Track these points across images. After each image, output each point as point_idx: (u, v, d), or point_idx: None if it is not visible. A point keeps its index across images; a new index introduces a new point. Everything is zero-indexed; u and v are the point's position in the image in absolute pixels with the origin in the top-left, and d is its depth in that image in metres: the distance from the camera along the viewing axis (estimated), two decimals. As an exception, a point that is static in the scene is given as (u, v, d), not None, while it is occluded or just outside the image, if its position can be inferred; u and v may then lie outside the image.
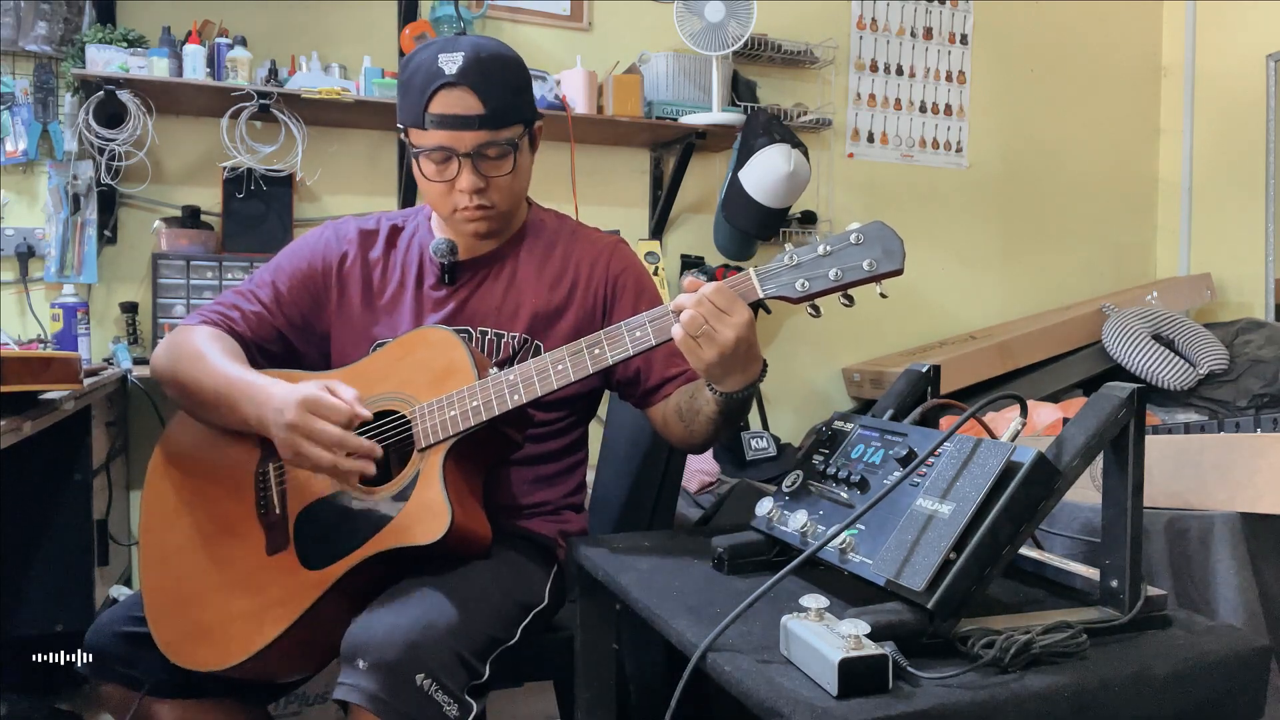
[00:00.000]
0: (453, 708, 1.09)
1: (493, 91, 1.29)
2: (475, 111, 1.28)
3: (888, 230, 1.07)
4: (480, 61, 1.28)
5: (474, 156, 1.30)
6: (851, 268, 1.07)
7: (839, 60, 3.24)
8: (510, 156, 1.32)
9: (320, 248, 1.45)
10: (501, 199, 1.35)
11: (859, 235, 1.07)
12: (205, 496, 1.31)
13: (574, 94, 2.62)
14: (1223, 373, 2.90)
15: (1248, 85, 3.39)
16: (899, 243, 1.06)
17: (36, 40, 2.29)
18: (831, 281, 1.07)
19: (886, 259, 1.06)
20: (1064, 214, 3.63)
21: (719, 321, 1.09)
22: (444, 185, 1.33)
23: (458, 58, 1.27)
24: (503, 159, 1.32)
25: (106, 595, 2.06)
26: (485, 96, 1.28)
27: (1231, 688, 0.87)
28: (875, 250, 1.06)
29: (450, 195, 1.33)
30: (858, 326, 3.28)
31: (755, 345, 1.15)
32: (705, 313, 1.09)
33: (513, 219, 1.44)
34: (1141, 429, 0.89)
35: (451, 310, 1.41)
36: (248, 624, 1.21)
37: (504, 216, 1.38)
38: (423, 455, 1.23)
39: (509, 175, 1.33)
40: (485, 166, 1.31)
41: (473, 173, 1.30)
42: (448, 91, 1.27)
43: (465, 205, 1.33)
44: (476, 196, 1.32)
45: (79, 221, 2.36)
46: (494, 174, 1.32)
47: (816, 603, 0.82)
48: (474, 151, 1.29)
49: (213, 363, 1.29)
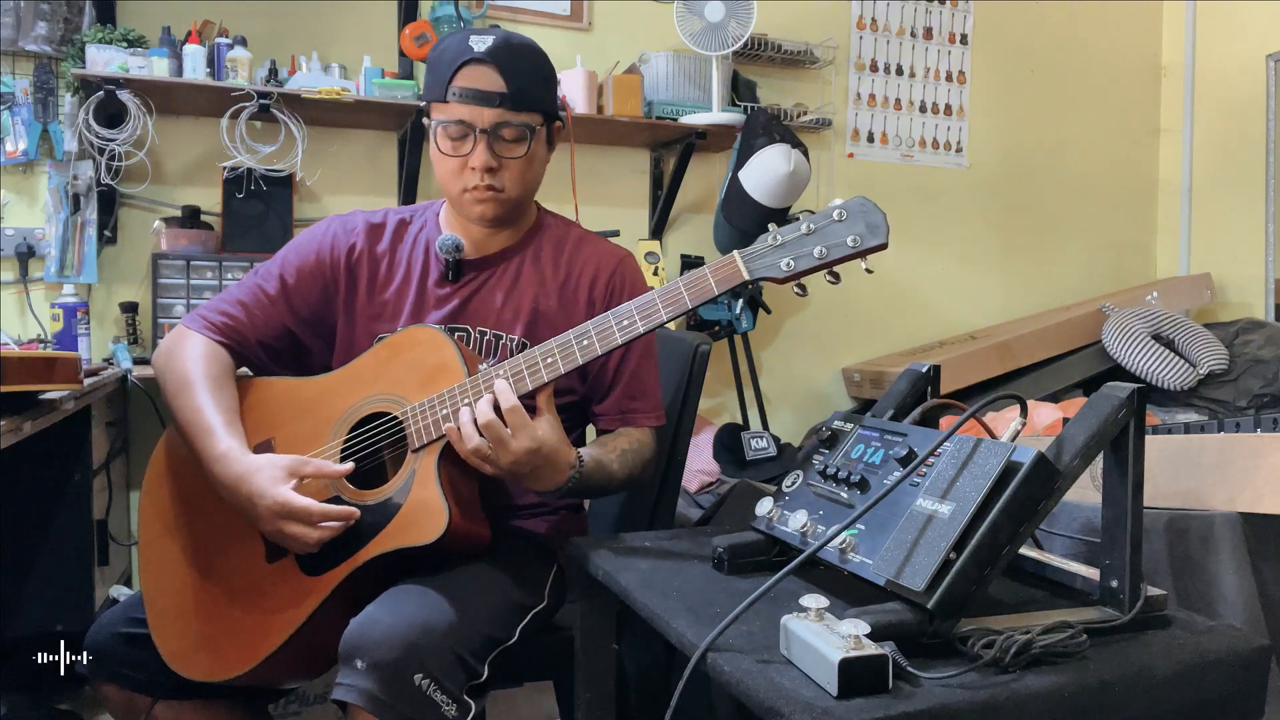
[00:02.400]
0: (451, 708, 1.09)
1: (518, 73, 1.31)
2: (498, 89, 1.30)
3: (870, 205, 1.06)
4: (510, 46, 1.31)
5: (490, 134, 1.31)
6: (836, 244, 1.06)
7: (839, 60, 3.24)
8: (526, 141, 1.33)
9: (328, 239, 1.44)
10: (512, 183, 1.35)
11: (841, 211, 1.06)
12: (204, 505, 1.31)
13: (574, 94, 2.62)
14: (1223, 373, 2.90)
15: (1248, 85, 3.39)
16: (882, 216, 1.05)
17: (36, 40, 2.29)
18: (816, 259, 1.06)
19: (870, 234, 1.05)
20: (1064, 214, 3.63)
21: (501, 447, 1.15)
22: (457, 162, 1.34)
23: (488, 39, 1.31)
24: (518, 142, 1.33)
25: (106, 595, 2.06)
26: (509, 76, 1.30)
27: (1231, 688, 0.87)
28: (859, 225, 1.05)
29: (462, 174, 1.34)
30: (858, 326, 3.28)
31: (554, 458, 1.19)
32: (491, 438, 1.14)
33: (521, 213, 1.43)
34: (1141, 429, 0.89)
35: (453, 308, 1.41)
36: (250, 633, 1.21)
37: (512, 204, 1.37)
38: (417, 456, 1.22)
39: (522, 159, 1.34)
40: (500, 147, 1.32)
41: (487, 150, 1.31)
42: (473, 67, 1.29)
43: (475, 184, 1.34)
44: (488, 176, 1.33)
45: (79, 221, 2.36)
46: (508, 155, 1.33)
47: (816, 603, 0.82)
48: (491, 129, 1.31)
49: (196, 399, 1.28)
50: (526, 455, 1.15)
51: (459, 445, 1.16)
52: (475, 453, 1.15)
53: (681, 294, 1.12)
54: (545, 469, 1.18)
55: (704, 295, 1.11)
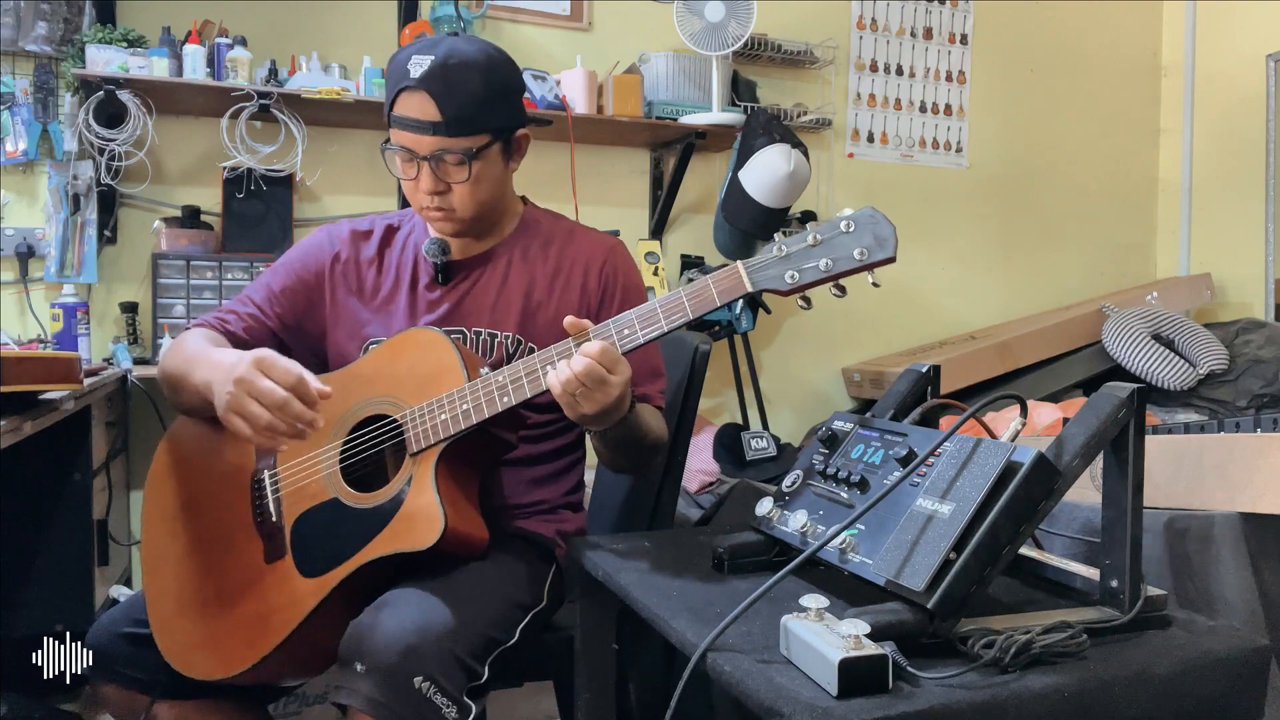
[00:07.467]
0: (451, 709, 1.09)
1: (453, 101, 1.28)
2: (431, 118, 1.28)
3: (879, 216, 1.03)
4: (446, 69, 1.28)
5: (431, 161, 1.31)
6: (842, 257, 1.03)
7: (839, 60, 3.24)
8: (467, 165, 1.32)
9: (314, 250, 1.48)
10: (462, 205, 1.36)
11: (849, 223, 1.04)
12: (204, 505, 1.32)
13: (574, 94, 2.62)
14: (1223, 373, 2.90)
15: (1248, 85, 3.39)
16: (891, 229, 1.02)
17: (36, 40, 2.29)
18: (822, 272, 1.04)
19: (878, 247, 1.02)
20: (1064, 214, 3.63)
21: (601, 383, 1.12)
22: (410, 182, 1.36)
23: (425, 61, 1.28)
24: (459, 166, 1.32)
25: (106, 595, 2.06)
26: (444, 105, 1.28)
27: (1231, 688, 0.87)
28: (866, 238, 1.02)
29: (415, 194, 1.37)
30: (858, 326, 3.28)
31: (628, 393, 1.17)
32: (585, 376, 1.11)
33: (490, 222, 1.44)
34: (1141, 429, 0.89)
35: (446, 310, 1.42)
36: (249, 633, 1.21)
37: (468, 221, 1.38)
38: (415, 460, 1.22)
39: (467, 183, 1.34)
40: (443, 171, 1.33)
41: (431, 176, 1.32)
42: (409, 95, 1.29)
43: (426, 205, 1.36)
44: (436, 199, 1.34)
45: (79, 221, 2.36)
46: (452, 179, 1.34)
47: (816, 603, 0.82)
48: (430, 157, 1.31)
49: (189, 347, 1.33)
50: (625, 385, 1.14)
51: (562, 381, 1.13)
52: (569, 385, 1.12)
53: (684, 304, 1.12)
54: (625, 401, 1.18)
55: (706, 306, 1.11)
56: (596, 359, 1.11)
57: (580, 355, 1.11)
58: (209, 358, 1.26)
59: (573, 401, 1.13)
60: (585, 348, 1.11)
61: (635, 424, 1.25)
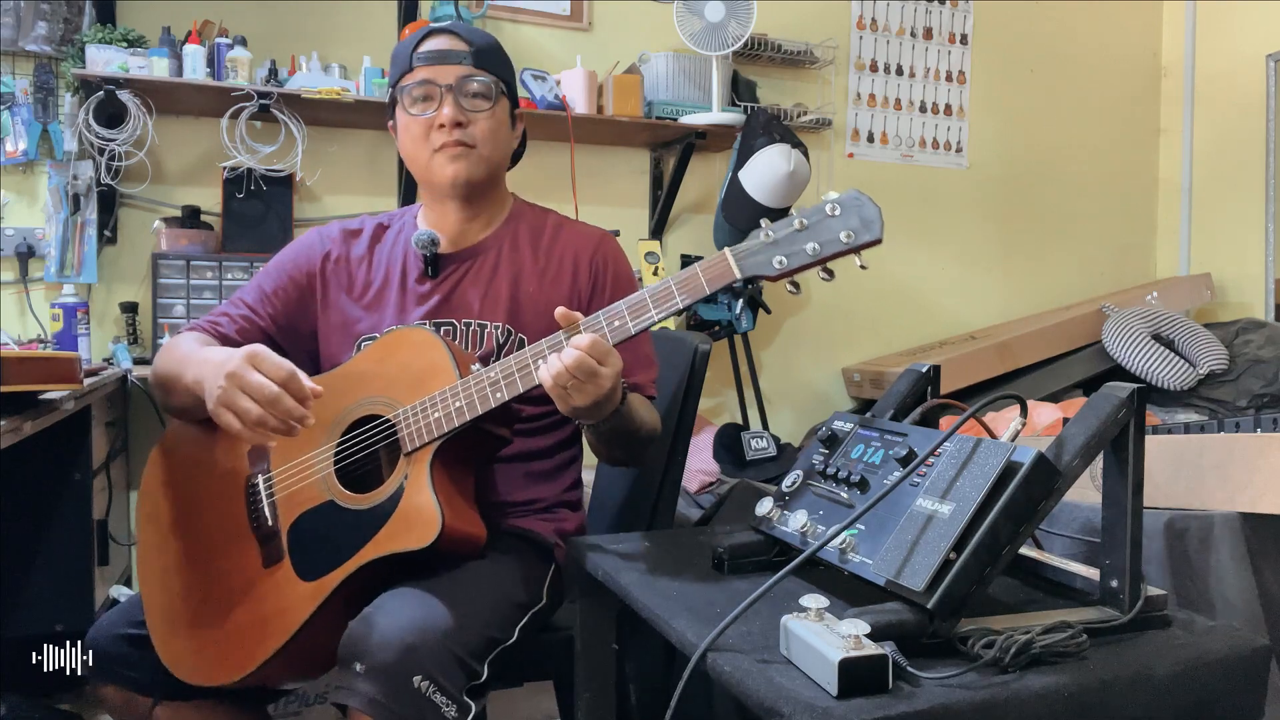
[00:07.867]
0: (451, 709, 1.09)
1: (478, 40, 1.39)
2: (460, 48, 1.37)
3: (864, 198, 1.02)
4: (470, 27, 1.40)
5: (456, 90, 1.36)
6: (829, 240, 1.03)
7: (839, 60, 3.24)
8: (491, 97, 1.38)
9: (305, 250, 1.49)
10: (483, 139, 1.38)
11: (835, 206, 1.03)
12: (200, 510, 1.31)
13: (574, 94, 2.62)
14: (1223, 373, 2.90)
15: (1248, 85, 3.39)
16: (876, 210, 1.02)
17: (36, 40, 2.29)
18: (810, 256, 1.03)
19: (864, 229, 1.01)
20: (1064, 214, 3.63)
21: (593, 376, 1.11)
22: (424, 125, 1.37)
23: (442, 25, 1.40)
24: (484, 97, 1.38)
25: (106, 595, 2.06)
26: (470, 40, 1.38)
27: (1231, 688, 0.87)
28: (852, 220, 1.02)
29: (429, 135, 1.37)
30: (858, 327, 3.28)
31: (619, 384, 1.17)
32: (576, 368, 1.10)
33: (493, 189, 1.45)
34: (1141, 429, 0.89)
35: (436, 303, 1.42)
36: (248, 639, 1.20)
37: (485, 164, 1.39)
38: (409, 459, 1.22)
39: (489, 114, 1.38)
40: (467, 101, 1.37)
41: (454, 105, 1.36)
42: (437, 36, 1.38)
43: (445, 141, 1.36)
44: (456, 131, 1.36)
45: (79, 221, 2.36)
46: (475, 110, 1.37)
47: (816, 603, 0.82)
48: (456, 84, 1.36)
49: (181, 349, 1.34)
50: (616, 378, 1.14)
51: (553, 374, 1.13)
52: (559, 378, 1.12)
53: (673, 293, 1.11)
54: (616, 394, 1.18)
55: (695, 294, 1.10)
56: (587, 351, 1.10)
57: (571, 348, 1.11)
58: (201, 356, 1.27)
59: (564, 394, 1.13)
60: (575, 340, 1.11)
61: (628, 416, 1.25)
